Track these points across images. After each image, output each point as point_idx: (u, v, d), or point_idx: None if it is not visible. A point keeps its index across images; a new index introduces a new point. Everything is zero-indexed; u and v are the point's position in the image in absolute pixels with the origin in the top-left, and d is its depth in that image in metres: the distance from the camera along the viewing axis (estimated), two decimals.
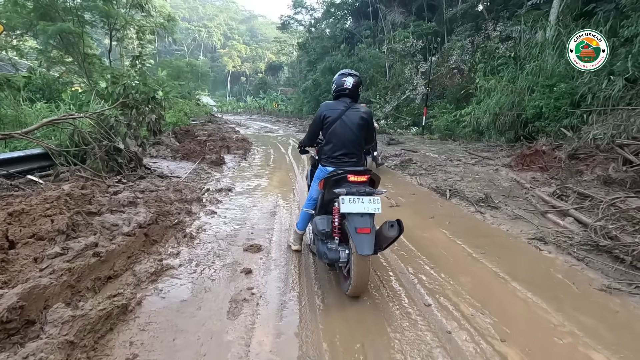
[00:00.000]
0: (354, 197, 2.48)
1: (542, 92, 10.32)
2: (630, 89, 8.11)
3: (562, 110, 9.54)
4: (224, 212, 4.54)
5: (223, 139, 11.22)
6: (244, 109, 53.44)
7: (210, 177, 6.55)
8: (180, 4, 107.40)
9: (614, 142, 7.04)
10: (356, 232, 2.36)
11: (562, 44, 11.52)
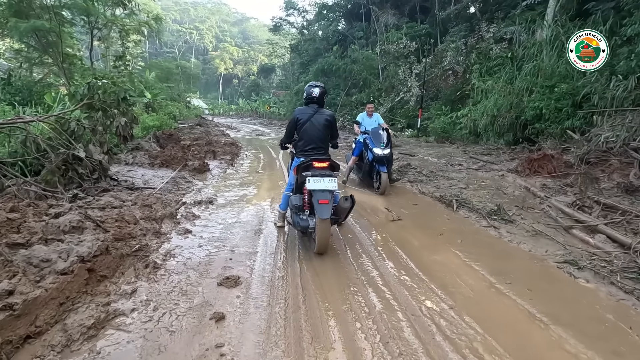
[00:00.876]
0: (317, 178, 3.31)
1: (542, 92, 9.92)
2: (633, 89, 7.68)
3: (564, 112, 9.12)
4: (201, 230, 3.90)
5: (209, 143, 10.55)
6: (236, 111, 52.60)
7: (191, 186, 5.90)
8: (172, 6, 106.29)
9: (628, 145, 6.57)
10: (318, 203, 3.20)
11: (561, 44, 11.18)
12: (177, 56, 73.78)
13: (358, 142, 6.43)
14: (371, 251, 3.50)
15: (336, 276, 2.94)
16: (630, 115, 7.36)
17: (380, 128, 5.99)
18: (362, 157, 6.32)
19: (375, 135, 5.82)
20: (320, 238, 3.20)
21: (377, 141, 5.74)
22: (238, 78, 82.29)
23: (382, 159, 5.64)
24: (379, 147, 5.66)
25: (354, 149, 6.57)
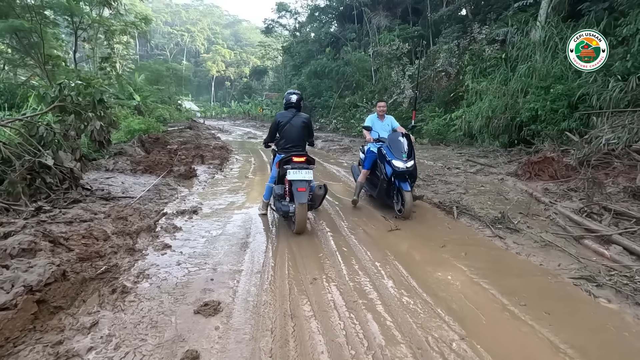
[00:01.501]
0: (295, 170, 3.96)
1: (537, 94, 9.77)
2: (631, 91, 7.52)
3: (560, 113, 8.96)
4: (181, 245, 3.54)
5: (198, 147, 10.16)
6: (228, 114, 52.12)
7: (175, 194, 5.52)
8: (163, 9, 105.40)
9: (630, 147, 6.37)
10: (297, 191, 3.86)
11: (554, 45, 11.07)
12: (168, 58, 73.01)
13: (369, 152, 5.17)
14: (368, 267, 3.18)
15: (330, 299, 2.61)
16: (630, 116, 7.18)
17: (399, 134, 4.78)
18: (374, 170, 5.14)
19: (394, 144, 4.65)
20: (299, 220, 3.88)
21: (397, 151, 4.56)
22: (230, 80, 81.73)
23: (404, 174, 4.51)
24: (400, 159, 4.50)
25: (364, 159, 5.35)
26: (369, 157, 5.19)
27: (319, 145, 14.44)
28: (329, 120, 22.62)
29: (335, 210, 5.07)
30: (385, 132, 5.15)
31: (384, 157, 4.69)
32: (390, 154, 4.61)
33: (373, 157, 5.09)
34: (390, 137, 4.83)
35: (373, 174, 5.22)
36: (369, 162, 5.17)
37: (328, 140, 16.10)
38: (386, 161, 4.65)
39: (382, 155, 4.75)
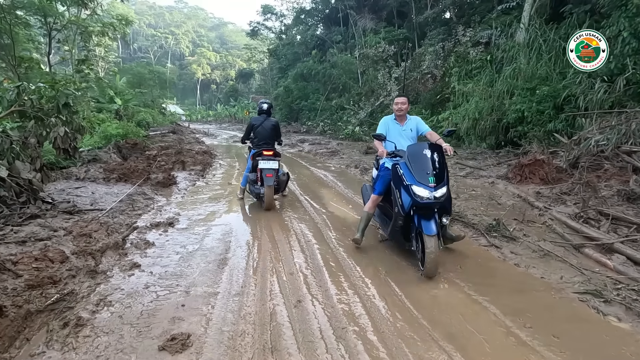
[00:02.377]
0: (265, 161, 5.02)
1: (523, 95, 9.75)
2: (618, 92, 7.52)
3: (546, 114, 8.94)
4: (152, 264, 3.20)
5: (180, 153, 9.75)
6: (214, 117, 51.46)
7: (151, 204, 5.16)
8: (146, 10, 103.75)
9: (619, 148, 6.30)
10: (265, 176, 4.93)
11: (539, 47, 11.12)
12: (151, 61, 71.76)
13: (382, 169, 3.69)
14: (358, 284, 2.91)
15: (315, 324, 2.32)
16: (616, 117, 7.15)
17: (425, 145, 3.23)
18: (388, 196, 3.58)
19: (415, 160, 3.13)
20: (267, 198, 4.96)
21: (420, 171, 3.06)
22: (216, 83, 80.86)
23: (431, 208, 3.02)
24: (424, 185, 2.99)
25: (375, 180, 3.87)
26: (382, 177, 3.62)
27: (306, 149, 14.18)
28: (316, 123, 22.40)
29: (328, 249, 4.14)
30: (406, 140, 3.58)
31: (400, 180, 3.17)
32: (409, 176, 3.08)
33: (388, 177, 3.53)
34: (410, 149, 3.22)
35: (387, 201, 3.68)
36: (381, 184, 3.62)
37: (315, 143, 15.85)
38: (403, 186, 3.14)
39: (398, 177, 3.22)
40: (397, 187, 3.24)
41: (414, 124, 3.71)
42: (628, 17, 7.60)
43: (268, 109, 5.46)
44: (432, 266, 2.90)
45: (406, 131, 3.67)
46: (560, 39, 10.47)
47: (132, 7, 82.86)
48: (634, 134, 6.27)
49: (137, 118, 16.68)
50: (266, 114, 5.43)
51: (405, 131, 3.67)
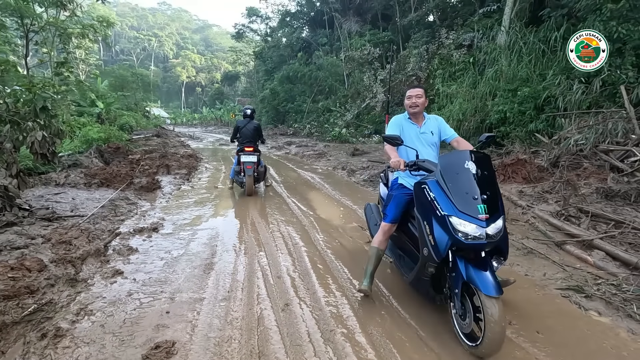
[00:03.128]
0: (246, 155, 6.01)
1: (505, 96, 9.98)
2: (593, 93, 7.77)
3: (527, 115, 9.17)
4: (135, 270, 3.13)
5: (164, 156, 9.59)
6: (199, 120, 50.89)
7: (134, 209, 5.04)
8: (128, 12, 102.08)
9: (597, 147, 6.50)
10: (246, 168, 5.96)
11: (520, 49, 11.42)
12: (134, 64, 70.52)
13: (396, 188, 2.74)
14: (346, 287, 2.91)
15: (303, 328, 2.30)
16: (594, 117, 7.39)
17: (466, 155, 2.20)
18: (406, 223, 2.71)
19: (454, 177, 2.16)
20: (247, 185, 6.04)
21: (463, 195, 2.08)
22: (201, 86, 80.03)
23: (481, 250, 2.07)
24: (469, 217, 2.02)
25: (386, 202, 2.82)
26: (396, 198, 2.66)
27: (293, 151, 14.15)
28: (303, 125, 22.40)
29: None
30: (426, 147, 2.69)
31: (431, 208, 2.17)
32: (445, 202, 2.10)
33: (404, 199, 2.62)
34: (444, 161, 2.26)
35: (404, 230, 2.76)
36: (395, 207, 2.64)
37: (302, 145, 15.83)
38: (435, 217, 2.14)
39: (427, 203, 2.22)
40: (426, 218, 2.18)
41: (434, 126, 2.75)
42: (602, 21, 7.88)
43: (251, 114, 6.56)
44: (493, 342, 1.85)
45: (425, 135, 2.70)
46: (540, 41, 10.78)
47: (113, 8, 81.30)
48: (611, 133, 6.48)
49: (119, 122, 16.36)
50: (249, 118, 6.51)
51: (424, 134, 2.70)
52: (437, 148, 2.75)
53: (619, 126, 6.44)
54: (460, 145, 2.66)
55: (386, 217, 2.69)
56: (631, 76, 7.23)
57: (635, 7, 7.53)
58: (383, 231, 2.69)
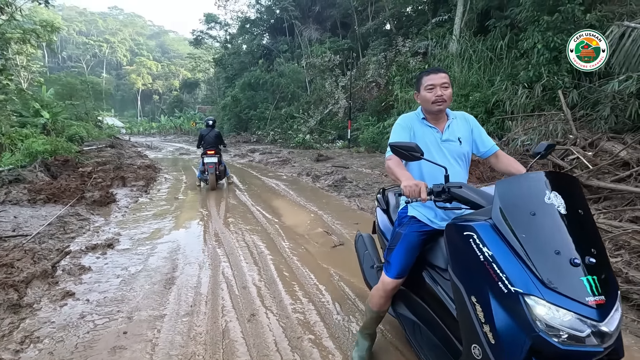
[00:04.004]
0: (208, 157, 7.33)
1: (458, 101, 10.53)
2: (535, 97, 8.45)
3: (479, 118, 9.73)
4: (89, 290, 2.93)
5: (118, 168, 9.10)
6: (157, 129, 48.91)
7: (86, 226, 4.73)
8: (75, 17, 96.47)
9: None
10: (208, 167, 7.28)
11: (470, 56, 12.15)
12: (84, 71, 66.57)
13: (403, 219, 1.86)
14: (313, 293, 2.91)
15: (270, 337, 2.28)
16: (537, 119, 8.01)
17: (541, 177, 1.30)
18: (419, 270, 1.80)
19: (522, 217, 1.22)
20: (210, 181, 7.33)
21: (546, 252, 1.15)
22: (159, 94, 77.06)
23: (588, 358, 1.11)
24: (567, 300, 1.08)
25: (392, 242, 1.84)
26: (407, 240, 1.78)
27: (257, 159, 14.00)
28: (266, 132, 22.25)
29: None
30: (450, 161, 1.77)
31: (486, 274, 1.22)
32: (515, 268, 1.17)
33: (418, 240, 1.78)
34: (506, 190, 1.32)
35: (416, 280, 1.85)
36: (404, 254, 1.78)
37: (266, 152, 15.70)
38: (496, 291, 1.19)
39: (475, 264, 1.27)
40: (476, 292, 1.28)
41: (464, 129, 1.84)
42: (540, 32, 8.58)
43: (213, 124, 7.95)
44: None
45: (451, 143, 1.79)
46: (487, 49, 11.54)
47: (59, 12, 76.51)
48: (552, 134, 7.05)
49: (68, 132, 15.33)
50: (211, 127, 7.88)
51: (448, 143, 1.79)
52: (467, 164, 1.83)
53: (558, 127, 7.03)
54: (503, 164, 1.84)
55: (390, 268, 1.78)
56: (567, 81, 7.93)
57: (567, 19, 8.29)
58: (384, 289, 1.81)
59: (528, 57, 9.47)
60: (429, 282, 1.71)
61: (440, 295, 1.61)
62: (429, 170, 1.76)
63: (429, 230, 1.76)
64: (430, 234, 1.76)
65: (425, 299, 1.78)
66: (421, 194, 1.46)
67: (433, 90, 1.74)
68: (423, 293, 1.79)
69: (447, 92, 1.74)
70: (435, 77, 1.75)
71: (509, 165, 1.82)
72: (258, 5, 31.24)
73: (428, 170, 1.78)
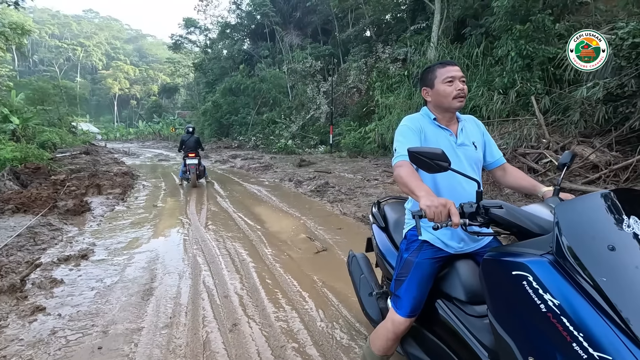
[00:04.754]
0: (189, 159, 8.52)
1: None
2: (510, 103, 8.75)
3: None
4: (61, 304, 2.80)
5: (94, 175, 8.80)
6: (135, 135, 47.77)
7: (59, 236, 4.53)
8: (48, 20, 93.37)
9: (516, 151, 7.28)
10: (190, 167, 8.47)
11: None
12: (57, 75, 64.36)
13: (413, 244, 1.56)
14: (296, 300, 2.88)
15: (253, 347, 2.23)
16: (512, 124, 8.29)
17: (617, 202, 0.98)
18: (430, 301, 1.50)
19: (598, 253, 0.90)
20: (192, 180, 8.45)
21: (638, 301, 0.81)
22: (136, 99, 75.37)
23: None
24: None
25: (399, 275, 1.56)
26: (420, 269, 1.50)
27: (239, 165, 13.85)
28: (248, 138, 22.08)
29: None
30: (467, 170, 1.48)
31: (550, 330, 0.89)
32: (595, 323, 0.83)
33: (433, 268, 1.50)
34: (570, 215, 1.00)
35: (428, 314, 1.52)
36: (417, 287, 1.49)
37: (248, 158, 15.56)
38: (566, 353, 0.85)
39: (533, 314, 0.94)
40: (538, 352, 0.93)
41: (476, 133, 1.64)
42: (514, 40, 8.91)
43: (193, 130, 9.18)
44: None
45: (466, 148, 1.57)
46: (464, 56, 11.87)
47: (29, 15, 73.70)
48: (526, 138, 7.30)
49: (40, 139, 14.76)
50: (191, 134, 9.02)
51: (464, 148, 1.56)
52: (477, 168, 1.57)
53: (532, 132, 7.29)
54: (512, 176, 1.65)
55: (401, 304, 1.51)
56: (539, 88, 8.26)
57: (538, 28, 8.66)
58: (395, 330, 1.53)
59: (502, 64, 9.81)
60: (444, 315, 1.42)
61: (462, 333, 1.32)
62: (447, 183, 1.48)
63: (445, 256, 1.50)
64: (445, 259, 1.50)
65: (440, 335, 1.46)
66: (452, 217, 1.12)
67: (452, 83, 1.49)
68: (437, 328, 1.48)
69: (466, 88, 1.52)
70: (452, 70, 1.51)
71: (519, 179, 1.61)
72: (238, 10, 31.15)
73: (446, 184, 1.48)
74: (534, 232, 1.08)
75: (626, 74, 5.74)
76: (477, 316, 1.30)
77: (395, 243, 1.85)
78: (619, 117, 5.95)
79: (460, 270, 1.43)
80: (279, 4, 26.61)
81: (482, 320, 1.28)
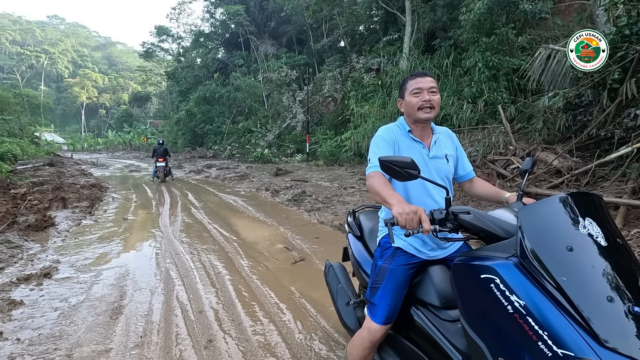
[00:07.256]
0: (160, 163, 11.60)
1: None
2: (479, 111, 9.12)
3: None
4: (19, 328, 2.60)
5: (58, 188, 8.36)
6: (104, 145, 45.93)
7: (18, 254, 4.25)
8: (8, 25, 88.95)
9: (486, 158, 7.56)
10: (160, 169, 11.67)
11: None
12: (18, 83, 61.26)
13: (386, 251, 1.58)
14: (273, 312, 2.82)
15: None
16: (481, 132, 8.63)
17: (572, 205, 1.04)
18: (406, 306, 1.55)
19: (558, 253, 0.95)
20: (160, 178, 11.67)
21: (594, 297, 0.88)
22: (106, 108, 72.75)
23: None
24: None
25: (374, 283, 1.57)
26: (393, 276, 1.53)
27: (214, 174, 13.60)
28: (223, 147, 21.76)
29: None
30: (440, 182, 1.40)
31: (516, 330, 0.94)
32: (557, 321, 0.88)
33: (406, 274, 1.54)
34: (531, 219, 1.04)
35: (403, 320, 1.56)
36: (391, 294, 1.51)
37: (223, 167, 15.32)
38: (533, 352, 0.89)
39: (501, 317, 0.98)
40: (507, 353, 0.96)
41: (449, 146, 1.68)
42: (480, 52, 9.33)
43: (162, 142, 12.10)
44: None
45: (438, 161, 1.61)
46: (435, 67, 12.28)
47: None
48: (495, 146, 7.61)
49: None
50: (161, 144, 11.84)
51: (436, 161, 1.60)
52: (447, 181, 1.59)
53: (500, 139, 7.60)
54: (480, 187, 1.72)
55: (376, 312, 1.53)
56: (505, 97, 8.66)
57: (502, 41, 9.12)
58: (371, 338, 1.55)
59: (471, 75, 10.24)
60: (419, 321, 1.45)
61: (437, 338, 1.35)
62: (418, 193, 1.54)
63: (418, 262, 1.53)
64: (418, 265, 1.54)
65: (416, 342, 1.49)
66: (423, 224, 1.15)
67: (419, 95, 1.54)
68: (413, 335, 1.50)
69: (436, 98, 1.54)
70: (422, 81, 1.55)
71: (485, 188, 1.69)
72: (212, 19, 30.93)
73: (417, 194, 1.54)
74: (500, 236, 1.13)
75: (583, 85, 6.12)
76: (451, 321, 1.33)
77: (371, 251, 1.87)
78: (578, 124, 6.32)
79: (433, 276, 1.47)
80: (253, 13, 26.64)
81: (455, 325, 1.31)
